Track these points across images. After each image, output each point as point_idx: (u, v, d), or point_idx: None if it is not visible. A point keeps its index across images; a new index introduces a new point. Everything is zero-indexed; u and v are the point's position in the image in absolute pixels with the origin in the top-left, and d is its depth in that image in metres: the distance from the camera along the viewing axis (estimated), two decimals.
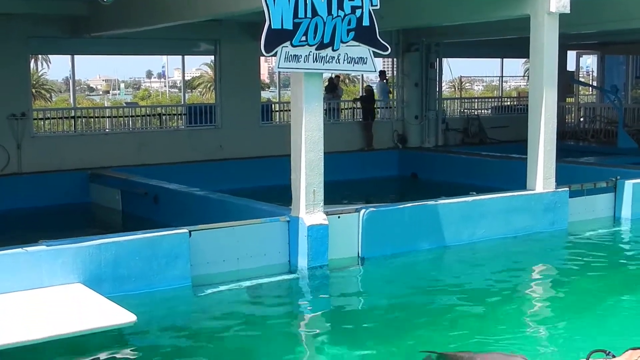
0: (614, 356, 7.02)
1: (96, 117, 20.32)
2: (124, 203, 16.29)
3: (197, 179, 16.35)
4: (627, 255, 12.84)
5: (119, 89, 68.65)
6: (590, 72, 36.64)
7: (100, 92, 69.03)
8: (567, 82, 24.67)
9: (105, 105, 41.00)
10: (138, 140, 19.21)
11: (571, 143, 24.10)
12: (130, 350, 8.03)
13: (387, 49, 11.66)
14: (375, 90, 24.38)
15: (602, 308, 9.48)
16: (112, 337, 8.15)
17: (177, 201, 14.57)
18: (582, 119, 27.20)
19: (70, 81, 21.88)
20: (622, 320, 8.74)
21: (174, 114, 22.42)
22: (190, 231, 10.49)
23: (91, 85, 71.04)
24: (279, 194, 12.81)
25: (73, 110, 19.94)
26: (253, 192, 14.32)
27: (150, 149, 18.97)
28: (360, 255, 12.01)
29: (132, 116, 20.79)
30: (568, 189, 14.49)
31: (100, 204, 17.14)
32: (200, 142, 19.73)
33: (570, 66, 28.08)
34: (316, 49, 10.99)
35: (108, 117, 20.59)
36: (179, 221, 11.60)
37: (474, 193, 13.76)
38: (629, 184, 15.32)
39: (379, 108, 23.91)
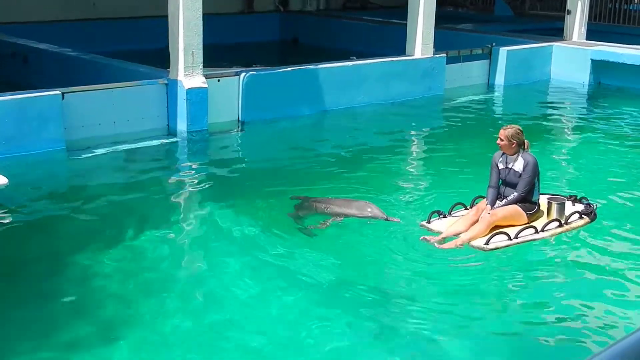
0: (445, 216, 7.60)
1: None
2: None
3: (69, 40, 15.54)
4: (497, 121, 13.32)
5: None
6: None
7: None
8: None
9: None
10: None
11: (450, 9, 24.27)
12: (2, 213, 7.83)
13: None
14: None
15: (467, 170, 9.91)
16: None
17: (48, 62, 13.87)
18: None
19: None
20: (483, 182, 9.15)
21: None
22: (62, 93, 10.10)
23: None
24: (157, 57, 12.43)
25: None
26: (129, 55, 13.81)
27: (16, 5, 17.81)
28: (240, 119, 11.97)
29: None
30: (445, 55, 14.76)
31: None
32: None
33: None
34: None
35: None
36: (50, 83, 11.10)
37: (354, 58, 13.82)
38: (503, 51, 15.74)
39: None
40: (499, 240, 7.11)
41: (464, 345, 5.58)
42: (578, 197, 8.08)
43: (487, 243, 7.04)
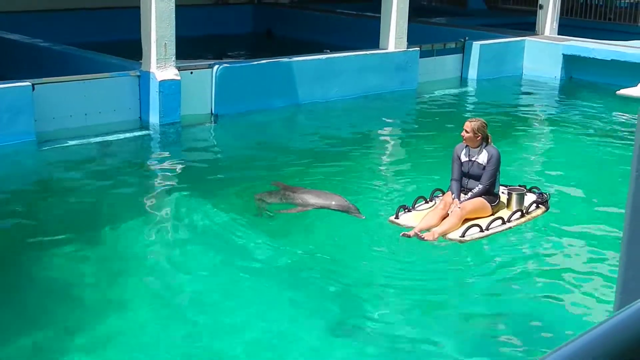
0: (410, 210, 7.67)
1: None
2: None
3: (41, 31, 15.38)
4: (469, 115, 13.38)
5: None
6: None
7: None
8: None
9: None
10: None
11: (423, 3, 24.37)
12: None
13: None
14: None
15: (440, 164, 9.96)
16: None
17: (19, 53, 13.73)
18: None
19: None
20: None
21: None
22: (33, 84, 10.00)
23: None
24: (129, 49, 12.33)
25: None
26: (101, 46, 13.70)
27: None
28: (213, 112, 11.92)
29: None
30: (419, 48, 14.80)
31: None
32: None
33: None
34: None
35: None
36: (21, 74, 10.99)
37: (328, 51, 13.81)
38: (476, 45, 15.82)
39: None
40: (473, 233, 7.23)
41: (429, 335, 5.63)
42: (528, 187, 8.29)
43: (462, 235, 7.13)
